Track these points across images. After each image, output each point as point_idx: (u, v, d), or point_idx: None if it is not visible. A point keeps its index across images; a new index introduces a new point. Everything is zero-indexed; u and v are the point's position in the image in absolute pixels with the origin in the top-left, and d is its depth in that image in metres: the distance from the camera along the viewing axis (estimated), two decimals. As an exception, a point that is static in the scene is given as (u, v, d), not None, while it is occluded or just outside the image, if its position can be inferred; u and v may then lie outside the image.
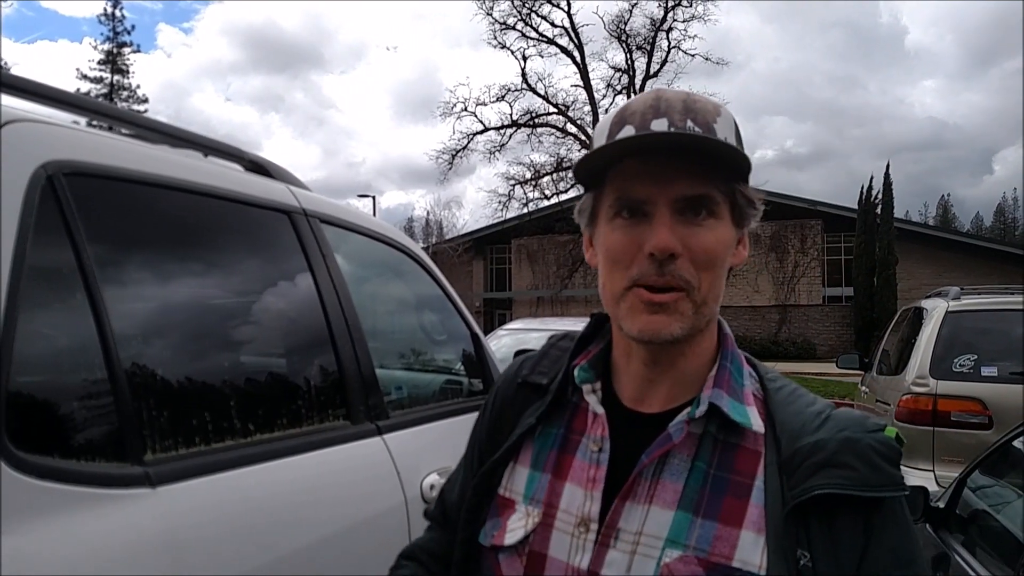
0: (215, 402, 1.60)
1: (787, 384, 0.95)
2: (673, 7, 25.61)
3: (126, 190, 1.53)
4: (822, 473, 0.83)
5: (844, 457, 0.83)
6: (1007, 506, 2.65)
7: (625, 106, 0.92)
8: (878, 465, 0.84)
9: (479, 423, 1.14)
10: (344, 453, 1.89)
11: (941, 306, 5.25)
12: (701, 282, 0.87)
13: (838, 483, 0.82)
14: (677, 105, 0.88)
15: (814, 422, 0.88)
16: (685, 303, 0.87)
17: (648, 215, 0.87)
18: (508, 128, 27.52)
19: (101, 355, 1.33)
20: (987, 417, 4.70)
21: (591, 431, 0.96)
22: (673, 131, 0.85)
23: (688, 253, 0.86)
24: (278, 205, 2.01)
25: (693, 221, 0.87)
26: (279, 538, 1.58)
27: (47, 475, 1.17)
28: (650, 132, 0.86)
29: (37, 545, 1.12)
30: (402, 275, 2.85)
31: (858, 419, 0.88)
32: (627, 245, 0.88)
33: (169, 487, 1.37)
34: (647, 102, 0.89)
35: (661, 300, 0.86)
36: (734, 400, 0.90)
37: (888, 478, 0.83)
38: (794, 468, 0.85)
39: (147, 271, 1.60)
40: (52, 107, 1.57)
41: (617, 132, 0.89)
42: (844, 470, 0.83)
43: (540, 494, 0.96)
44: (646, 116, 0.88)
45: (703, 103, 0.89)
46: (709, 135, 0.86)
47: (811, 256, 28.88)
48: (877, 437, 0.86)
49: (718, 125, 0.88)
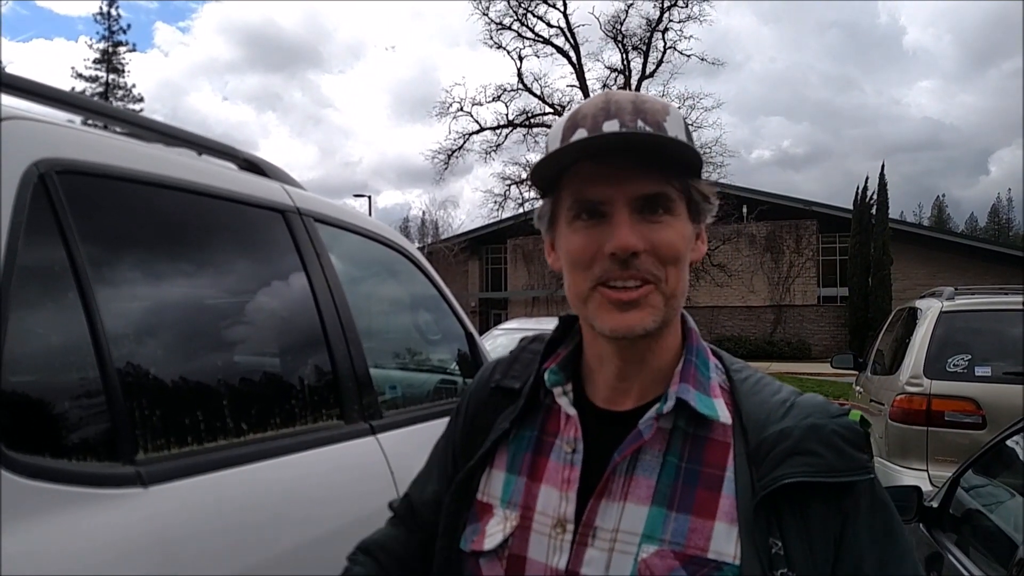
0: (207, 401, 1.59)
1: (752, 374, 0.97)
2: (669, 7, 25.60)
3: (119, 188, 1.52)
4: (789, 462, 0.84)
5: (809, 444, 0.85)
6: (1000, 506, 2.65)
7: (576, 110, 0.92)
8: (843, 450, 0.85)
9: (452, 427, 1.14)
10: (337, 453, 1.88)
11: (935, 306, 5.26)
12: (668, 276, 0.88)
13: (805, 471, 0.83)
14: (627, 106, 0.88)
15: (779, 411, 0.89)
16: (655, 296, 0.88)
17: (606, 215, 0.88)
18: (504, 128, 27.50)
19: (93, 354, 1.32)
20: (981, 417, 4.71)
21: (564, 432, 0.97)
22: (625, 131, 0.86)
23: (651, 249, 0.87)
24: (272, 204, 2.00)
25: (651, 219, 0.88)
26: (272, 538, 1.58)
27: (38, 475, 1.16)
28: (602, 133, 0.86)
29: (29, 545, 1.11)
30: (397, 274, 2.85)
31: (821, 405, 0.90)
32: (587, 246, 0.89)
33: (161, 487, 1.36)
34: (597, 105, 0.90)
35: (630, 298, 0.87)
36: (701, 393, 0.91)
37: (854, 462, 0.85)
38: (762, 457, 0.86)
39: (140, 270, 1.59)
40: (45, 105, 1.56)
41: (570, 136, 0.89)
42: (810, 457, 0.84)
43: (517, 497, 0.97)
44: (597, 118, 0.88)
45: (652, 103, 0.90)
46: (659, 133, 0.87)
47: (806, 256, 28.94)
48: (841, 422, 0.87)
49: (668, 123, 0.88)
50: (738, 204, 22.19)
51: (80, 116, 1.71)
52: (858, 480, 0.85)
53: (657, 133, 0.86)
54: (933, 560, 2.66)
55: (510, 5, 26.19)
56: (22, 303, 1.22)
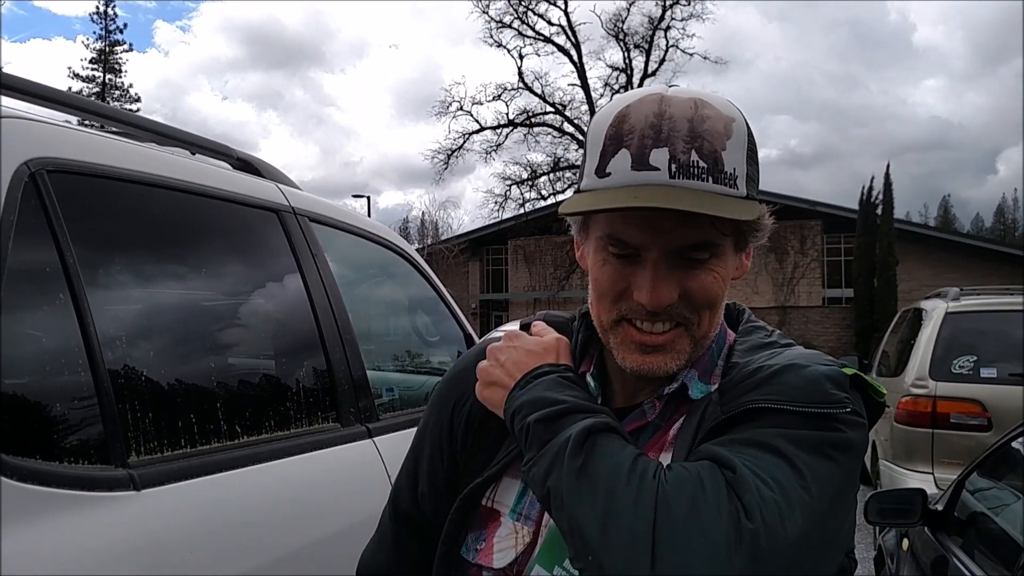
0: (201, 404, 1.58)
1: (760, 338, 0.91)
2: (671, 6, 25.64)
3: (111, 188, 1.51)
4: (758, 391, 0.79)
5: (786, 376, 0.79)
6: (1006, 508, 2.63)
7: (623, 115, 0.81)
8: (821, 384, 0.77)
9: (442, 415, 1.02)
10: (333, 456, 1.87)
11: (941, 307, 5.24)
12: (701, 319, 0.83)
13: (770, 398, 0.77)
14: (682, 127, 0.78)
15: (761, 358, 0.84)
16: (683, 339, 0.83)
17: (640, 257, 0.81)
18: (504, 128, 27.54)
19: (84, 356, 1.31)
20: (986, 419, 4.69)
21: None
22: (671, 175, 0.77)
23: (686, 296, 0.81)
24: (267, 204, 1.99)
25: (692, 263, 0.81)
26: (266, 542, 1.57)
27: (30, 478, 1.15)
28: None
29: (21, 549, 1.10)
30: (394, 276, 2.84)
31: (811, 354, 0.84)
32: (616, 282, 0.83)
33: (154, 490, 1.35)
34: (648, 118, 0.79)
35: (656, 343, 0.83)
36: (701, 382, 0.88)
37: (827, 397, 0.77)
38: (730, 388, 0.82)
39: (132, 270, 1.58)
40: (36, 104, 1.55)
41: (612, 152, 0.80)
42: (782, 387, 0.78)
43: (531, 511, 0.90)
44: (645, 142, 0.78)
45: (713, 121, 0.79)
46: (715, 171, 0.78)
47: (811, 257, 28.88)
48: (828, 368, 0.80)
49: (727, 151, 0.79)
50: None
51: (72, 115, 1.70)
52: (829, 412, 0.76)
53: (702, 187, 0.77)
54: (938, 563, 2.63)
55: (510, 3, 26.25)
56: (12, 305, 1.21)
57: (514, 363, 0.90)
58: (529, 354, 0.91)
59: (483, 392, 0.93)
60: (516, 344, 0.94)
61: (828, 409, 0.76)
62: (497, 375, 0.91)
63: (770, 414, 0.77)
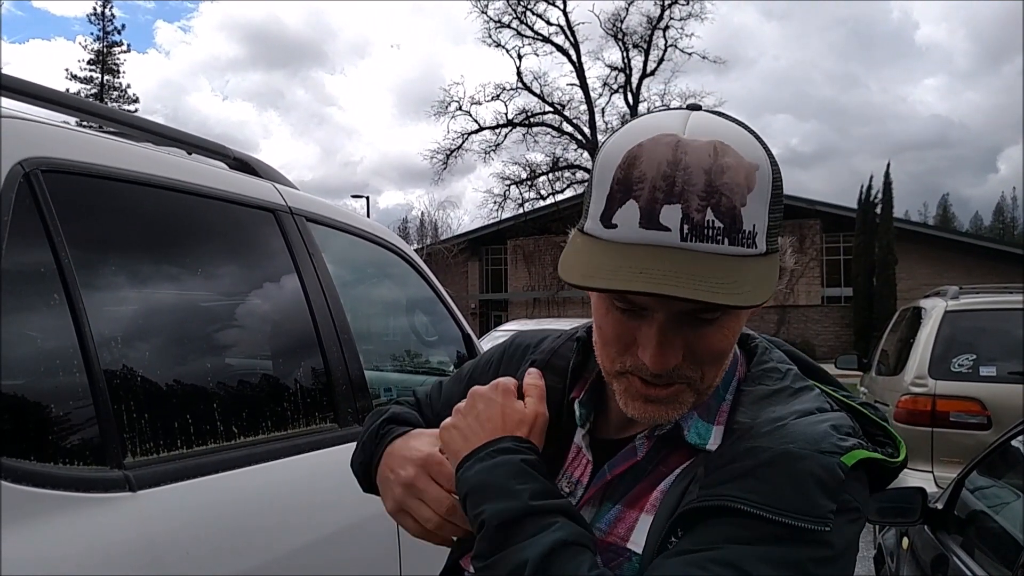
0: (198, 405, 1.57)
1: (770, 385, 0.85)
2: (670, 5, 25.69)
3: (106, 188, 1.51)
4: (739, 483, 0.73)
5: (771, 472, 0.73)
6: (1006, 507, 2.62)
7: (634, 157, 0.73)
8: (807, 491, 0.72)
9: None
10: (331, 457, 1.85)
11: (940, 306, 5.23)
12: (705, 374, 0.79)
13: (749, 498, 0.72)
14: (698, 180, 0.70)
15: (764, 427, 0.78)
16: (686, 394, 0.80)
17: (647, 316, 0.76)
18: (503, 127, 27.56)
19: (80, 357, 1.31)
20: (986, 417, 4.68)
21: (570, 468, 0.92)
22: (683, 237, 0.71)
23: (691, 356, 0.77)
24: (263, 203, 1.98)
25: (702, 322, 0.76)
26: (263, 543, 1.56)
27: (25, 479, 1.15)
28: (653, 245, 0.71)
29: (15, 550, 1.09)
30: (392, 276, 2.83)
31: (815, 435, 0.76)
32: (621, 336, 0.79)
33: (150, 491, 1.35)
34: (661, 167, 0.71)
35: (658, 396, 0.79)
36: (700, 420, 0.84)
37: (810, 508, 0.71)
38: (718, 465, 0.77)
39: (127, 271, 1.57)
40: (30, 104, 1.55)
41: (620, 201, 0.73)
42: (764, 485, 0.72)
43: None
44: (656, 195, 0.71)
45: (733, 171, 0.71)
46: (732, 230, 0.71)
47: (810, 256, 28.87)
48: (823, 461, 0.73)
49: (747, 207, 0.72)
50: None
51: (69, 115, 1.69)
52: (805, 527, 0.71)
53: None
54: (938, 562, 2.63)
55: (509, 3, 26.26)
56: (7, 306, 1.21)
57: (474, 432, 0.87)
58: (495, 423, 0.87)
59: None
60: (483, 408, 0.89)
61: (809, 524, 0.71)
62: (456, 444, 0.87)
63: (745, 519, 0.71)
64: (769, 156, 0.76)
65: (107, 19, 40.86)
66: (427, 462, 0.91)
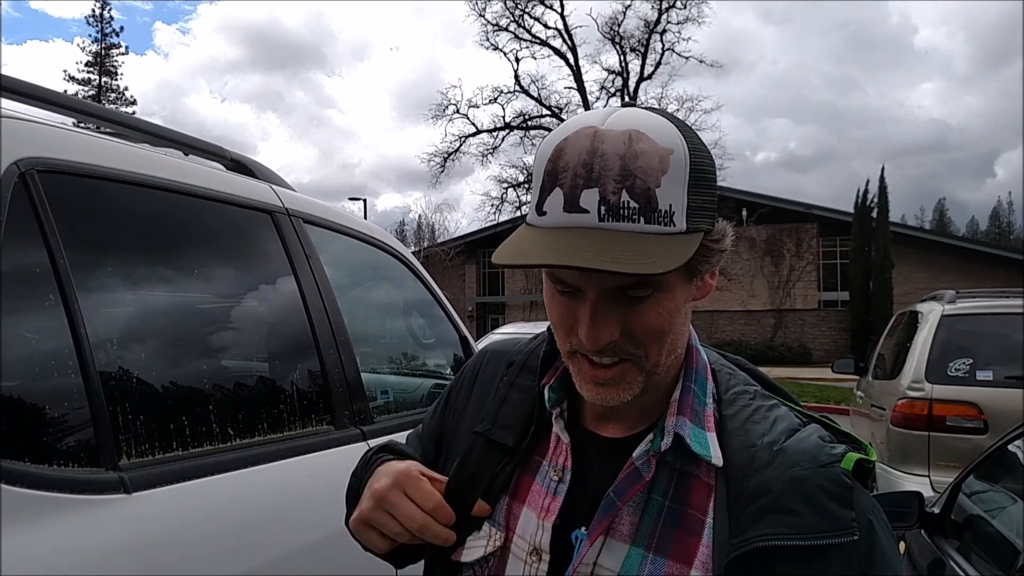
0: (194, 407, 1.57)
1: (746, 406, 0.89)
2: (667, 9, 25.70)
3: (103, 188, 1.50)
4: (765, 521, 0.78)
5: (789, 501, 0.78)
6: (1002, 511, 2.62)
7: (560, 151, 0.79)
8: (824, 507, 0.78)
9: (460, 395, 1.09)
10: (328, 459, 1.85)
11: (936, 310, 5.24)
12: (648, 352, 0.83)
13: (779, 532, 0.77)
14: (613, 165, 0.75)
15: (764, 455, 0.82)
16: (632, 372, 0.83)
17: (580, 297, 0.81)
18: (501, 131, 27.59)
19: (75, 358, 1.30)
20: (982, 422, 4.68)
21: (553, 457, 0.93)
22: (600, 218, 0.75)
23: (627, 333, 0.81)
24: (260, 205, 1.97)
25: (633, 300, 0.80)
26: (259, 545, 1.55)
27: (19, 481, 1.14)
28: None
29: (10, 553, 1.09)
30: (389, 278, 2.82)
31: (811, 451, 0.82)
32: (563, 317, 0.84)
33: (145, 493, 1.34)
34: (580, 156, 0.77)
35: (605, 377, 0.83)
36: (696, 427, 0.86)
37: (834, 523, 0.77)
38: (740, 509, 0.81)
39: (123, 272, 1.57)
40: (27, 104, 1.54)
41: (548, 190, 0.79)
42: (788, 516, 0.77)
43: (500, 516, 0.93)
44: (577, 180, 0.76)
45: (647, 156, 0.76)
46: (647, 210, 0.75)
47: (806, 260, 28.91)
48: (828, 474, 0.79)
49: (663, 188, 0.76)
50: (738, 207, 22.19)
51: (66, 116, 1.69)
52: (836, 542, 0.76)
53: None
54: (935, 567, 2.63)
55: (506, 6, 26.29)
56: (2, 306, 1.20)
57: None
58: None
59: None
60: None
61: (836, 539, 0.77)
62: None
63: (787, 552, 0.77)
64: (690, 143, 0.80)
65: (105, 21, 40.87)
66: (403, 477, 0.92)
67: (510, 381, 1.01)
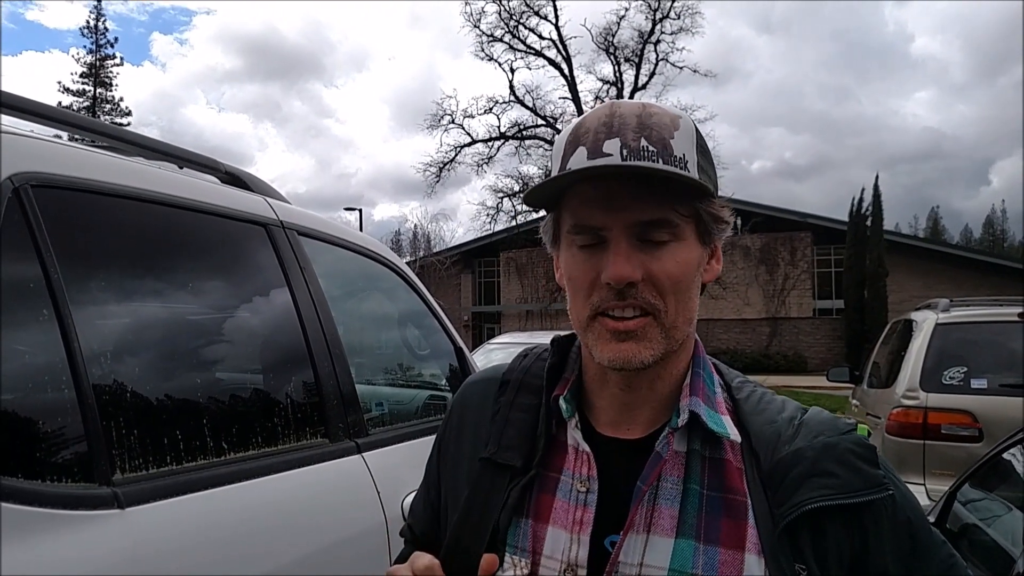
0: (188, 421, 1.56)
1: (754, 390, 0.95)
2: (660, 20, 25.80)
3: (97, 202, 1.50)
4: (807, 484, 0.83)
5: (825, 464, 0.84)
6: (997, 520, 2.62)
7: (579, 123, 0.88)
8: (859, 468, 0.84)
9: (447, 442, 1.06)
10: (322, 472, 1.85)
11: (931, 318, 5.25)
12: (667, 306, 0.85)
13: (824, 494, 0.82)
14: (631, 121, 0.84)
15: (788, 430, 0.88)
16: (653, 328, 0.85)
17: (605, 241, 0.85)
18: (496, 140, 27.61)
19: (68, 372, 1.30)
20: (977, 430, 4.69)
21: (574, 469, 0.91)
22: (623, 159, 0.82)
23: (649, 278, 0.84)
24: (255, 217, 1.97)
25: (653, 245, 0.85)
26: (254, 560, 1.55)
27: (11, 497, 1.14)
28: (596, 165, 0.83)
29: (2, 570, 1.08)
30: (384, 289, 2.82)
31: (829, 421, 0.89)
32: (586, 272, 0.86)
33: (139, 508, 1.34)
34: (600, 118, 0.86)
35: (627, 328, 0.85)
36: (710, 409, 0.89)
37: (870, 480, 0.84)
38: (778, 482, 0.84)
39: (117, 286, 1.56)
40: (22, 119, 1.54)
41: (571, 152, 0.86)
42: (827, 479, 0.83)
43: (524, 542, 0.90)
44: (599, 135, 0.84)
45: (660, 116, 0.86)
46: (664, 154, 0.83)
47: (801, 268, 28.99)
48: (853, 438, 0.86)
49: (675, 140, 0.84)
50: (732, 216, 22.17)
51: (60, 130, 1.69)
52: (876, 498, 0.83)
53: (660, 155, 0.82)
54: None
55: (501, 17, 26.36)
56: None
57: None
58: None
59: None
60: None
61: (874, 495, 0.83)
62: None
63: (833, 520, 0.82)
64: (692, 120, 0.89)
65: (100, 32, 40.91)
66: None
67: (509, 401, 1.00)
